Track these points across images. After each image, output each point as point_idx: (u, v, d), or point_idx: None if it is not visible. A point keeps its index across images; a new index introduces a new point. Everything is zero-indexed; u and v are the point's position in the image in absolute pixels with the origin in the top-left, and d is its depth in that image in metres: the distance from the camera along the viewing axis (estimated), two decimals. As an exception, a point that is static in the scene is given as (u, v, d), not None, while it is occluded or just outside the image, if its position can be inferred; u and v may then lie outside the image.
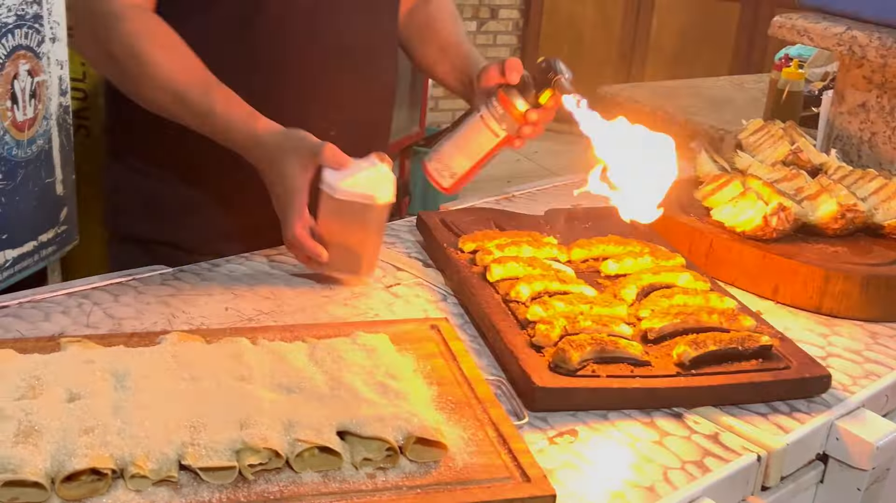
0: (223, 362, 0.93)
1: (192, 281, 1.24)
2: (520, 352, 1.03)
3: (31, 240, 2.48)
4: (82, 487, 0.76)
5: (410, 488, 0.81)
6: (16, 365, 0.89)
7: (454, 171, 1.34)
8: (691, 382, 1.01)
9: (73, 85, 2.59)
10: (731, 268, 1.32)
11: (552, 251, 1.28)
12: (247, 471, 0.80)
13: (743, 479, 0.94)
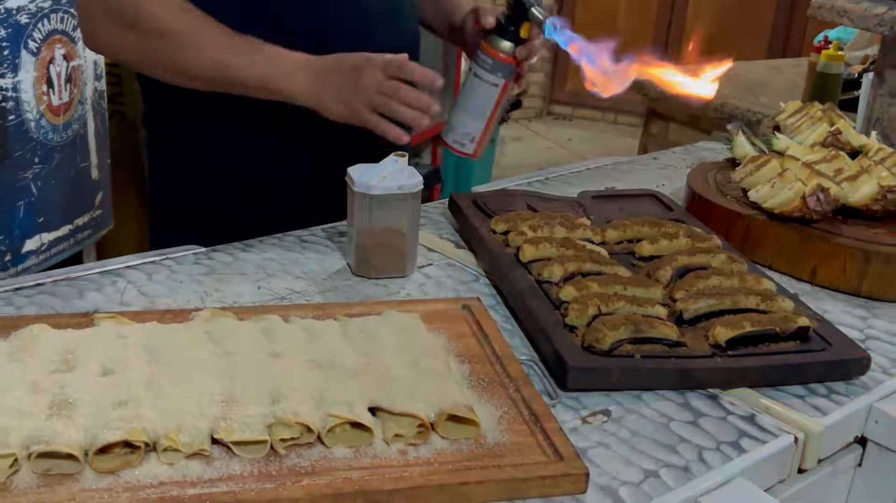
0: (255, 338, 0.93)
1: (224, 260, 1.24)
2: (552, 332, 1.02)
3: (67, 223, 2.51)
4: (115, 460, 0.77)
5: (442, 464, 0.81)
6: (50, 339, 0.90)
7: (472, 134, 1.35)
8: (727, 363, 1.00)
9: (107, 70, 2.61)
10: (769, 250, 1.30)
11: (585, 232, 1.27)
12: (278, 445, 0.80)
13: (779, 461, 0.92)
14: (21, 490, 0.73)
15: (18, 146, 2.24)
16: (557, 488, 0.81)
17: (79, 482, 0.74)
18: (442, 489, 0.78)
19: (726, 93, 2.38)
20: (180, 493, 0.74)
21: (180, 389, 0.82)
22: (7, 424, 0.76)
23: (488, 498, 0.79)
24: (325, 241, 1.33)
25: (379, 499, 0.77)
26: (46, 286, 1.13)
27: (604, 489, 0.82)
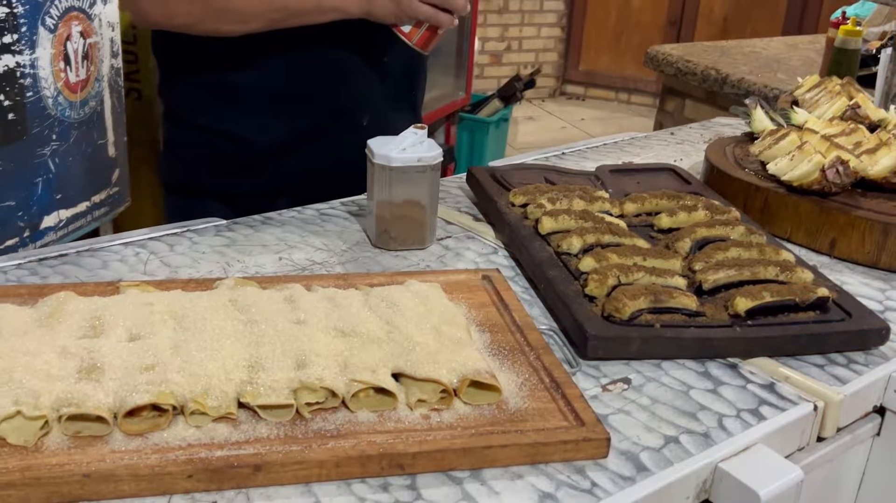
0: (279, 306, 0.94)
1: (245, 232, 1.25)
2: (572, 302, 1.03)
3: (84, 200, 2.52)
4: (144, 422, 0.78)
5: (465, 429, 0.82)
6: (77, 306, 0.91)
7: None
8: (747, 333, 1.00)
9: (124, 47, 2.62)
10: (787, 222, 1.30)
11: (604, 205, 1.27)
12: (304, 409, 0.81)
13: (799, 429, 0.93)
14: (52, 451, 0.74)
15: (36, 123, 2.25)
16: (579, 453, 0.81)
17: (108, 444, 0.76)
18: (465, 452, 0.79)
19: (743, 69, 2.36)
20: (208, 455, 0.75)
21: (207, 354, 0.83)
22: (38, 387, 0.77)
23: (511, 462, 0.80)
24: (344, 214, 1.34)
25: (403, 461, 0.78)
26: (70, 257, 1.14)
27: (625, 454, 0.83)
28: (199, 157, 1.48)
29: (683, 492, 0.83)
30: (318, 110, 1.43)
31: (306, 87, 1.41)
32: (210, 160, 1.47)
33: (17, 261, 1.12)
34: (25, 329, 0.87)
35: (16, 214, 2.24)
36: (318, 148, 1.45)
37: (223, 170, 1.46)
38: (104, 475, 0.72)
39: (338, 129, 1.45)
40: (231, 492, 0.74)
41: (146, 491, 0.73)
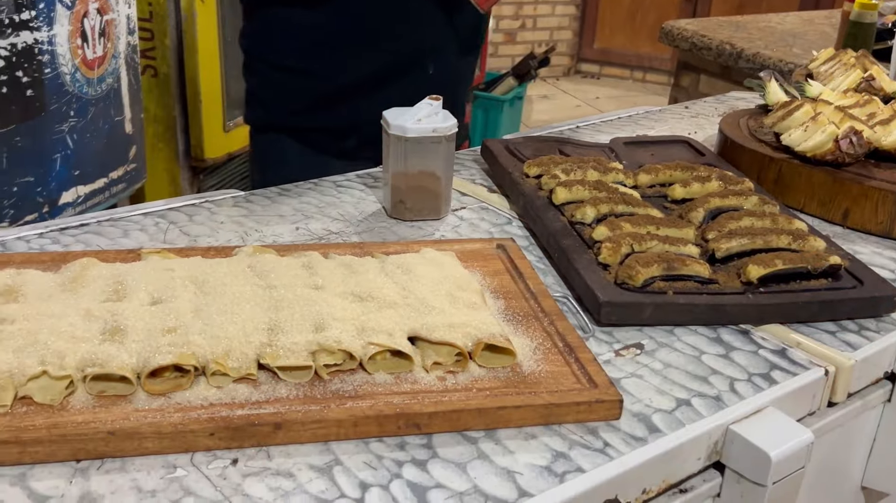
0: (297, 272, 0.95)
1: (262, 203, 1.27)
2: (586, 270, 1.04)
3: (102, 177, 2.55)
4: (166, 383, 0.80)
5: (479, 390, 0.83)
6: (100, 271, 0.93)
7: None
8: (759, 300, 1.01)
9: (139, 24, 2.63)
10: (801, 193, 1.31)
11: (618, 175, 1.28)
12: (322, 370, 0.82)
13: (810, 393, 0.94)
14: (77, 409, 0.76)
15: (54, 99, 2.27)
16: (592, 414, 0.83)
17: (132, 403, 0.78)
18: (480, 413, 0.80)
19: (759, 43, 2.36)
20: (229, 414, 0.76)
21: (227, 318, 0.85)
22: (63, 348, 0.79)
23: (524, 422, 0.82)
24: (359, 186, 1.36)
25: (419, 421, 0.79)
26: (91, 226, 1.16)
27: (637, 416, 0.85)
28: (275, 94, 1.58)
29: (695, 453, 0.84)
30: (390, 53, 1.50)
31: (380, 29, 1.48)
32: (285, 97, 1.56)
33: (39, 230, 1.14)
34: (50, 293, 0.89)
35: (35, 190, 2.26)
36: (386, 91, 1.53)
37: (298, 106, 1.55)
38: (128, 432, 0.74)
39: (406, 73, 1.52)
40: (252, 450, 0.76)
41: (169, 448, 0.75)
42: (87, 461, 0.74)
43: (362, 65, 1.51)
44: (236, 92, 3.01)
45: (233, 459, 0.75)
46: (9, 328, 0.82)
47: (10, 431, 0.73)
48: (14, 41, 2.12)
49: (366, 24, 1.48)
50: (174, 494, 0.71)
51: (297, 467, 0.75)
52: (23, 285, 0.90)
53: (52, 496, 0.70)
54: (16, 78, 2.13)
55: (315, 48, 1.49)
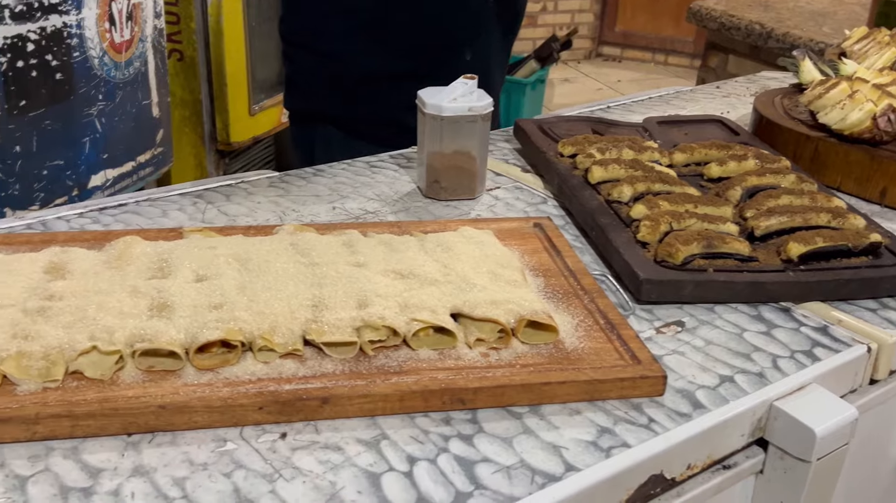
0: (338, 250, 0.96)
1: (298, 184, 1.27)
2: (624, 248, 1.04)
3: (130, 160, 2.56)
4: (214, 358, 0.80)
5: (523, 367, 0.83)
6: (144, 249, 0.94)
7: None
8: (800, 277, 1.01)
9: (166, 8, 2.64)
10: (838, 171, 1.30)
11: (653, 154, 1.28)
12: (367, 346, 0.83)
13: (852, 370, 0.94)
14: (128, 384, 0.77)
15: (83, 83, 2.28)
16: (636, 390, 0.83)
17: (181, 378, 0.78)
18: (525, 388, 0.81)
19: (789, 23, 2.34)
20: (277, 388, 0.77)
21: (272, 294, 0.85)
22: (111, 324, 0.80)
23: (568, 398, 0.82)
24: (393, 166, 1.36)
25: (464, 396, 0.80)
26: (130, 206, 1.17)
27: (680, 392, 0.85)
28: (314, 81, 1.59)
29: (739, 429, 0.84)
30: (428, 42, 1.51)
31: (420, 17, 1.49)
32: (324, 84, 1.57)
33: (79, 210, 1.15)
34: (96, 270, 0.90)
35: (64, 173, 2.28)
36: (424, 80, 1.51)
37: (337, 94, 1.56)
38: (178, 406, 0.75)
39: (445, 63, 1.52)
40: (300, 424, 0.77)
41: (218, 422, 0.76)
42: (138, 435, 0.74)
43: (405, 53, 1.51)
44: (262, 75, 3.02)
45: (281, 433, 0.76)
46: (58, 304, 0.83)
47: (63, 405, 0.74)
48: (43, 25, 2.14)
49: (409, 11, 1.48)
50: (225, 467, 0.72)
51: (344, 441, 0.75)
52: (68, 262, 0.91)
53: (105, 468, 0.71)
54: (45, 61, 2.15)
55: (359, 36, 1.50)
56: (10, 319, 0.81)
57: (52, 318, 0.81)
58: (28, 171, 2.14)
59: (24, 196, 2.15)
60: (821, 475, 0.87)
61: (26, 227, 1.09)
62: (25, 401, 0.74)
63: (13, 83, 2.05)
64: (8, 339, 0.78)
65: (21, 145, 2.11)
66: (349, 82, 1.55)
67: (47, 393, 0.75)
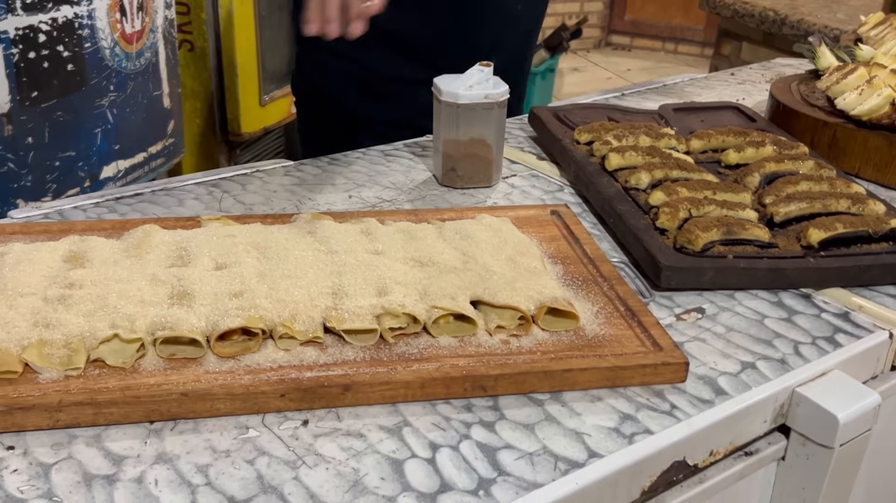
0: (357, 237, 0.96)
1: (313, 172, 1.27)
2: (643, 234, 1.03)
3: (141, 151, 2.56)
4: (235, 346, 0.80)
5: (544, 353, 0.83)
6: (162, 237, 0.94)
7: None
8: (820, 263, 1.00)
9: (176, -1, 2.64)
10: (856, 158, 1.29)
11: (670, 141, 1.27)
12: (387, 334, 0.83)
13: (874, 356, 0.93)
14: (149, 372, 0.77)
15: (94, 74, 2.28)
16: (658, 376, 0.83)
17: (202, 365, 0.78)
18: (546, 375, 0.80)
19: (803, 10, 2.32)
20: (298, 376, 0.77)
21: (291, 282, 0.85)
22: (132, 312, 0.80)
23: (590, 385, 0.82)
24: (408, 155, 1.35)
25: (486, 383, 0.79)
26: (146, 195, 1.17)
27: (702, 379, 0.84)
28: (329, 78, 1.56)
29: (762, 415, 0.84)
30: (452, 51, 1.47)
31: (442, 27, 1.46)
32: (339, 83, 1.54)
33: (95, 199, 1.15)
34: (115, 259, 0.89)
35: (76, 164, 2.28)
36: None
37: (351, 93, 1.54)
38: (201, 394, 0.74)
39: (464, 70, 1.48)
40: (322, 411, 0.77)
41: (241, 409, 0.75)
42: (160, 422, 0.74)
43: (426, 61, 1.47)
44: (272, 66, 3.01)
45: (303, 420, 0.76)
46: (78, 293, 0.83)
47: (85, 393, 0.74)
48: (55, 15, 2.13)
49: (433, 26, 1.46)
50: (248, 454, 0.71)
51: (366, 428, 0.75)
52: (88, 251, 0.91)
53: (128, 456, 0.71)
54: (57, 52, 2.15)
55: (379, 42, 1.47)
56: (31, 307, 0.81)
57: (72, 307, 0.81)
58: (40, 162, 2.14)
59: (36, 187, 2.15)
60: (843, 461, 0.86)
61: (43, 216, 1.09)
62: (48, 388, 0.74)
63: (25, 74, 2.05)
64: (29, 328, 0.78)
65: (33, 136, 2.11)
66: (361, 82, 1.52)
67: (69, 381, 0.75)
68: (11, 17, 2.02)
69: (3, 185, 2.08)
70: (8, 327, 0.78)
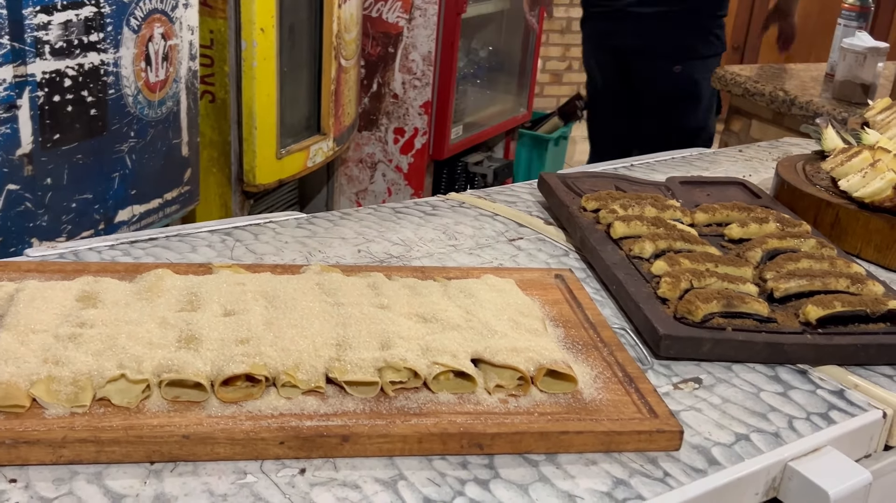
0: (363, 291, 0.98)
1: (324, 226, 1.29)
2: (645, 303, 1.05)
3: (157, 197, 2.60)
4: (238, 391, 0.82)
5: (541, 415, 0.84)
6: (174, 282, 0.96)
7: None
8: (818, 340, 1.01)
9: (200, 51, 2.70)
10: (858, 238, 1.31)
11: (675, 213, 1.30)
12: (388, 387, 0.84)
13: (867, 435, 0.94)
14: (153, 413, 0.79)
15: (116, 120, 2.33)
16: (652, 443, 0.84)
17: (205, 409, 0.80)
18: (542, 436, 0.82)
19: (811, 91, 2.37)
20: (298, 424, 0.78)
21: (297, 331, 0.87)
22: (140, 353, 0.82)
23: (585, 448, 0.83)
24: (418, 213, 1.38)
25: (482, 441, 0.81)
26: (160, 240, 1.19)
27: (696, 448, 0.85)
28: None
29: (753, 487, 0.84)
30: None
31: None
32: None
33: (110, 241, 1.18)
34: (127, 301, 0.92)
35: (92, 207, 2.32)
36: None
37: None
38: (202, 437, 0.76)
39: None
40: (319, 461, 0.78)
41: (240, 454, 0.77)
42: (161, 463, 0.76)
43: None
44: (290, 120, 3.07)
45: (300, 469, 0.77)
46: (89, 332, 0.85)
47: (89, 430, 0.75)
48: (82, 61, 2.19)
49: None
50: (244, 499, 0.73)
51: (362, 479, 0.76)
52: (100, 292, 0.93)
53: (127, 495, 0.72)
54: (81, 97, 2.20)
55: None
56: (42, 344, 0.83)
57: (82, 345, 0.83)
58: (57, 202, 2.18)
59: (51, 227, 2.19)
60: (834, 538, 0.86)
61: (59, 256, 1.12)
62: (53, 424, 0.76)
63: (48, 116, 2.10)
64: (39, 364, 0.80)
65: (52, 177, 2.15)
66: None
67: (74, 418, 0.77)
68: (40, 60, 2.07)
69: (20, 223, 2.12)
70: (18, 362, 0.80)
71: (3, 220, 2.09)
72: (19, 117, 2.05)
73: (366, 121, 3.58)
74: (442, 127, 3.50)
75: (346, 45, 3.13)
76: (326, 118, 3.18)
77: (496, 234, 1.32)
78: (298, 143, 3.13)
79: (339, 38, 3.07)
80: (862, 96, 2.24)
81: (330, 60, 3.05)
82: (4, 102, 1.98)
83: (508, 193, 1.52)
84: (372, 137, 3.60)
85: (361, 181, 3.67)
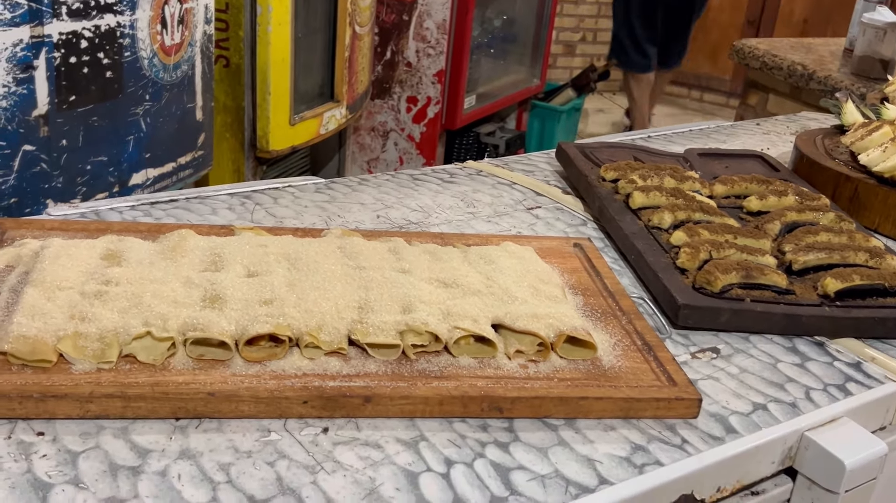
0: (384, 255, 0.98)
1: (343, 191, 1.30)
2: (663, 272, 1.05)
3: (171, 161, 2.60)
4: (262, 351, 0.83)
5: (561, 380, 0.85)
6: (197, 243, 0.96)
7: None
8: (836, 313, 1.02)
9: (216, 15, 2.69)
10: (876, 213, 1.31)
11: (694, 184, 1.30)
12: (409, 350, 0.85)
13: (884, 407, 0.95)
14: (178, 370, 0.80)
15: (132, 83, 2.33)
16: (671, 411, 0.84)
17: (230, 368, 0.81)
18: (562, 401, 0.82)
19: (830, 66, 2.35)
20: (322, 384, 0.79)
21: (320, 293, 0.88)
22: (165, 311, 0.83)
23: (604, 414, 0.84)
24: (435, 180, 1.38)
25: (502, 405, 0.81)
26: (180, 202, 1.20)
27: (714, 416, 0.86)
28: None
29: (770, 456, 0.85)
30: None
31: None
32: None
33: (131, 202, 1.19)
34: (151, 260, 0.92)
35: (107, 170, 2.32)
36: None
37: None
38: (227, 395, 0.77)
39: None
40: (342, 420, 0.79)
41: (264, 413, 0.78)
42: (186, 419, 0.77)
43: None
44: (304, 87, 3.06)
45: (323, 428, 0.78)
46: (114, 289, 0.85)
47: (116, 386, 0.76)
48: (98, 23, 2.18)
49: None
50: (269, 456, 0.74)
51: (384, 440, 0.77)
52: (125, 251, 0.94)
53: (153, 450, 0.73)
54: (97, 59, 2.20)
55: None
56: (69, 301, 0.83)
57: (108, 303, 0.84)
58: (72, 164, 2.18)
59: (66, 189, 2.19)
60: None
61: (80, 215, 1.13)
62: (80, 379, 0.77)
63: (65, 78, 2.10)
64: (66, 320, 0.81)
65: (68, 139, 2.15)
66: None
67: (101, 373, 0.78)
68: (57, 21, 2.07)
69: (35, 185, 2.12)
70: (45, 317, 0.80)
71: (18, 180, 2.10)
72: (36, 78, 2.05)
73: (378, 89, 3.57)
74: (455, 96, 3.49)
75: (360, 11, 3.12)
76: (340, 85, 3.17)
77: (514, 202, 1.32)
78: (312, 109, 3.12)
79: (354, 4, 3.05)
80: (881, 72, 2.23)
81: (344, 27, 3.03)
82: (21, 63, 1.98)
83: (526, 162, 1.52)
84: (384, 106, 3.59)
85: (373, 150, 3.67)
